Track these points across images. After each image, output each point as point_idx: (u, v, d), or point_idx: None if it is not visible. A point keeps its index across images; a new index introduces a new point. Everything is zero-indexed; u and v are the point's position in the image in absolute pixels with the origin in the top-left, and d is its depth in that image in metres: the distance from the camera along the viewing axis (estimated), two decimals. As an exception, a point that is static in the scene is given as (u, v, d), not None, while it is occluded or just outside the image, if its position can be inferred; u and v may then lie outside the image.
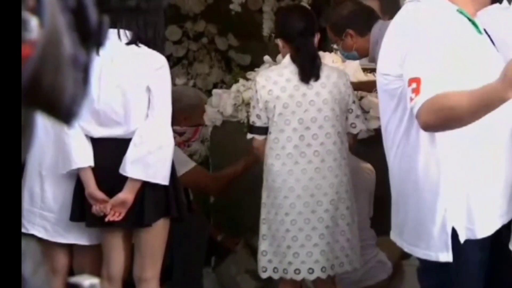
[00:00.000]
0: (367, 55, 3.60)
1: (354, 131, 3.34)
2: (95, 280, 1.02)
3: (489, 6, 2.35)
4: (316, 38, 3.31)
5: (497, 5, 2.40)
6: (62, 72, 0.71)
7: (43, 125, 2.96)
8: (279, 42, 3.34)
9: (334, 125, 3.18)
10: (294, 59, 3.22)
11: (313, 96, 3.18)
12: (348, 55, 3.67)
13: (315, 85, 3.19)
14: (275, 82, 3.20)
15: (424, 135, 2.21)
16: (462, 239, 2.22)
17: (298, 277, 3.19)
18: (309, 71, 3.19)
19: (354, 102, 3.30)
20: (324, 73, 3.23)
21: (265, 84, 3.20)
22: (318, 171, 3.17)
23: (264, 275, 3.25)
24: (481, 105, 2.03)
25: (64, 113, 0.73)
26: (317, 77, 3.19)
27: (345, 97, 3.24)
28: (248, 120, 3.48)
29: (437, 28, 2.17)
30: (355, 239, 3.25)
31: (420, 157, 2.23)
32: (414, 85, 2.08)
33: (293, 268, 3.17)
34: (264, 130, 3.23)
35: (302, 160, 3.17)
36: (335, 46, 3.71)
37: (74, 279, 1.04)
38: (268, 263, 3.22)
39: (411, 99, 2.08)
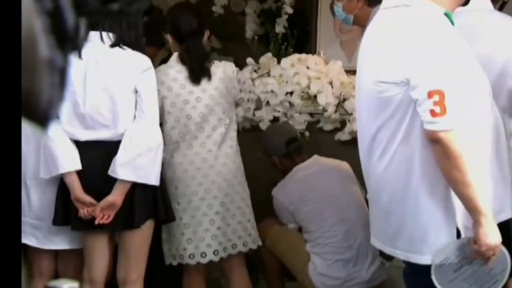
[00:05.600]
0: (362, 26, 3.41)
1: (250, 114, 3.72)
2: (74, 284, 1.01)
3: (458, 9, 2.37)
4: (206, 36, 3.39)
5: (465, 7, 2.40)
6: (38, 75, 0.70)
7: (23, 133, 2.94)
8: (169, 37, 3.41)
9: (220, 118, 3.36)
10: (182, 59, 3.33)
11: (199, 93, 3.33)
12: (345, 18, 3.52)
13: (201, 83, 3.33)
14: (162, 82, 3.30)
15: (423, 141, 2.21)
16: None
17: (192, 262, 3.35)
18: (198, 72, 3.32)
19: (241, 91, 3.47)
20: (210, 69, 3.35)
21: None
22: (204, 161, 3.35)
23: (166, 262, 3.42)
24: (465, 191, 2.11)
25: (41, 117, 0.73)
26: (208, 77, 3.33)
27: (231, 90, 3.41)
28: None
29: (448, 36, 2.18)
30: (248, 222, 3.44)
31: (421, 162, 2.24)
32: (436, 98, 2.09)
33: (187, 253, 3.34)
34: None
35: (189, 152, 3.35)
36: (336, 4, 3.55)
37: (53, 283, 1.04)
38: (168, 251, 3.41)
39: (433, 112, 2.10)
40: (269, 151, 3.77)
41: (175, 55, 3.38)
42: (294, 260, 3.68)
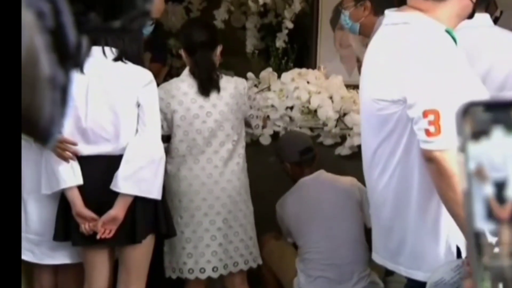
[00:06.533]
0: (367, 35, 3.45)
1: (258, 132, 3.84)
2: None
3: (460, 24, 2.37)
4: (218, 50, 3.41)
5: (466, 22, 2.40)
6: (39, 92, 0.70)
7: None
8: (183, 52, 3.44)
9: (228, 134, 3.38)
10: (192, 72, 3.37)
11: (210, 108, 3.36)
12: (351, 26, 3.54)
13: (211, 98, 3.36)
14: (173, 96, 3.35)
15: (421, 159, 2.20)
16: (463, 256, 2.23)
17: (191, 277, 3.37)
18: (207, 84, 3.35)
19: (251, 107, 3.55)
20: (221, 85, 3.38)
21: (164, 97, 3.33)
22: (209, 177, 3.37)
23: (166, 274, 3.45)
24: (458, 210, 2.09)
25: (42, 134, 0.73)
26: (217, 89, 3.36)
27: (241, 107, 3.45)
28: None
29: (446, 54, 2.17)
30: (250, 240, 3.46)
31: (420, 179, 2.23)
32: (431, 117, 2.08)
33: (187, 268, 3.37)
34: (164, 139, 3.33)
35: (195, 167, 3.37)
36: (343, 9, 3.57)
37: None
38: (168, 263, 3.44)
39: (428, 131, 2.09)
40: (283, 157, 3.78)
41: (186, 69, 3.41)
42: (285, 274, 3.71)
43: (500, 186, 0.64)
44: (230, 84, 3.41)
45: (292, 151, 3.74)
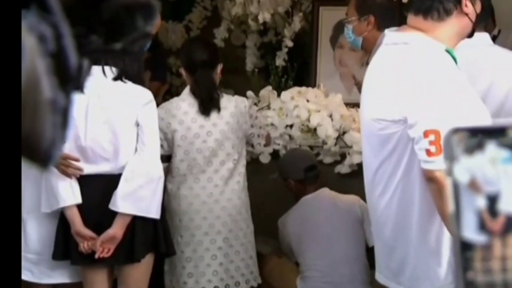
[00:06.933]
0: (369, 50, 3.41)
1: (259, 150, 3.86)
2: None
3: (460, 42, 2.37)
4: (219, 68, 3.42)
5: (465, 41, 2.40)
6: (40, 116, 0.70)
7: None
8: (183, 71, 3.45)
9: (229, 153, 3.38)
10: (193, 91, 3.37)
11: (210, 127, 3.36)
12: (353, 40, 3.50)
13: (212, 117, 3.36)
14: (173, 115, 3.35)
15: (422, 178, 2.20)
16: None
17: None
18: (207, 103, 3.35)
19: (253, 126, 3.55)
20: (221, 104, 3.38)
21: (164, 117, 3.33)
22: (210, 196, 3.36)
23: None
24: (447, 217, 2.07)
25: (42, 157, 0.73)
26: (218, 109, 3.36)
27: (242, 125, 3.45)
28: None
29: (446, 74, 2.17)
30: (250, 259, 3.45)
31: (421, 199, 2.23)
32: (432, 137, 2.08)
33: (187, 287, 3.35)
34: (165, 158, 3.34)
35: (196, 186, 3.36)
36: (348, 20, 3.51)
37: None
38: (169, 283, 3.43)
39: (429, 151, 2.09)
40: (287, 174, 3.77)
41: (187, 88, 3.41)
42: None
43: (492, 200, 0.64)
44: (230, 103, 3.41)
45: (297, 168, 3.74)
